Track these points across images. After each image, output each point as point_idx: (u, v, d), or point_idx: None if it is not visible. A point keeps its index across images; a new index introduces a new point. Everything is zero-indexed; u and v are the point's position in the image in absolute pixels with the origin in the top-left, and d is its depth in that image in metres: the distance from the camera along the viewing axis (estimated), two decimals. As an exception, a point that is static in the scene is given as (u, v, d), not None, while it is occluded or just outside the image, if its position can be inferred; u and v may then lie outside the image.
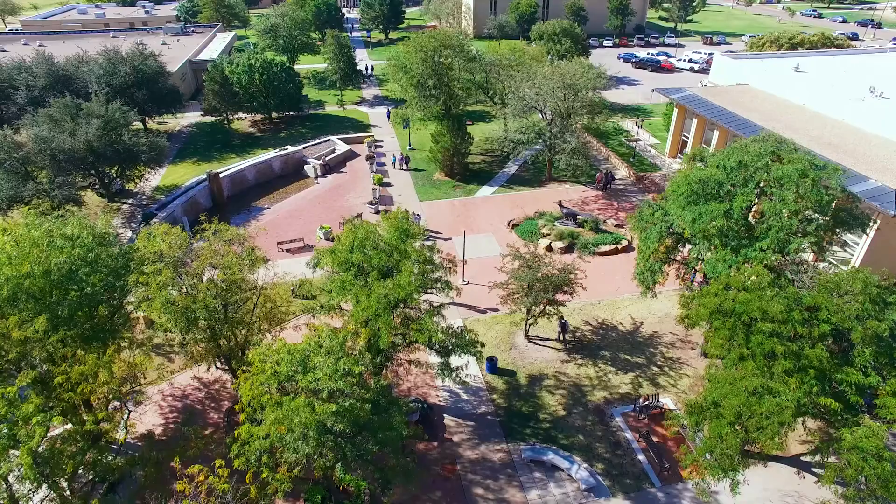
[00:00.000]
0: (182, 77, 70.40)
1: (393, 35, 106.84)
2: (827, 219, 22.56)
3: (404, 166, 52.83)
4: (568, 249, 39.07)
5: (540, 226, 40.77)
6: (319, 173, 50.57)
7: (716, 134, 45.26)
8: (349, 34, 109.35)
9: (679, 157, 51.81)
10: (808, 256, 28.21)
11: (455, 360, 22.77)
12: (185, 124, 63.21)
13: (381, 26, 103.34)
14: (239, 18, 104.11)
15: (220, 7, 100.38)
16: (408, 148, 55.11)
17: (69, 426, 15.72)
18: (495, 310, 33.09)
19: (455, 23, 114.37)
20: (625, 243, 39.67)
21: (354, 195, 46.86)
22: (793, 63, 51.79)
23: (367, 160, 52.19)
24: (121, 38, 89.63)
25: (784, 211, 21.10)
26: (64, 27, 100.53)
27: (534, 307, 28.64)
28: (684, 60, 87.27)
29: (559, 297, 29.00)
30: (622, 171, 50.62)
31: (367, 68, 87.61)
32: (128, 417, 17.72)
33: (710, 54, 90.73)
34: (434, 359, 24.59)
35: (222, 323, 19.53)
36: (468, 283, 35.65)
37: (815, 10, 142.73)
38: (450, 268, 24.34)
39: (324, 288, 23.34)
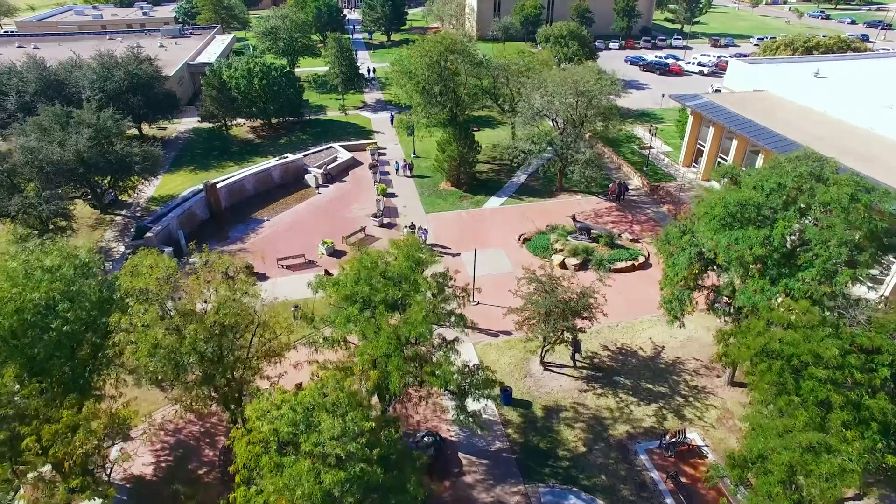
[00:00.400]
0: (179, 81, 68.54)
1: (395, 37, 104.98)
2: (874, 247, 20.69)
3: (408, 173, 51.09)
4: (582, 266, 37.23)
5: (552, 241, 38.91)
6: (321, 182, 48.71)
7: (734, 143, 43.42)
8: (350, 36, 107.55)
9: (694, 166, 49.97)
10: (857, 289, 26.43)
11: (471, 401, 20.93)
12: (183, 130, 61.34)
13: (382, 28, 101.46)
14: (238, 20, 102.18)
15: (218, 8, 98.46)
16: (412, 155, 53.27)
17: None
18: (508, 333, 31.24)
19: (458, 24, 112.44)
20: (642, 259, 37.86)
21: (358, 206, 44.98)
22: (812, 68, 49.93)
23: (370, 169, 50.32)
24: (118, 40, 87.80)
25: (833, 239, 19.25)
26: (60, 29, 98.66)
27: (551, 335, 26.80)
28: (693, 63, 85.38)
29: (578, 322, 27.20)
30: (635, 181, 48.77)
31: (368, 71, 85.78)
32: (109, 474, 15.83)
33: (719, 57, 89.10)
34: (448, 400, 22.70)
35: (216, 366, 17.66)
36: (478, 303, 33.81)
37: (822, 12, 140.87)
38: (462, 297, 22.55)
39: (327, 319, 21.52)
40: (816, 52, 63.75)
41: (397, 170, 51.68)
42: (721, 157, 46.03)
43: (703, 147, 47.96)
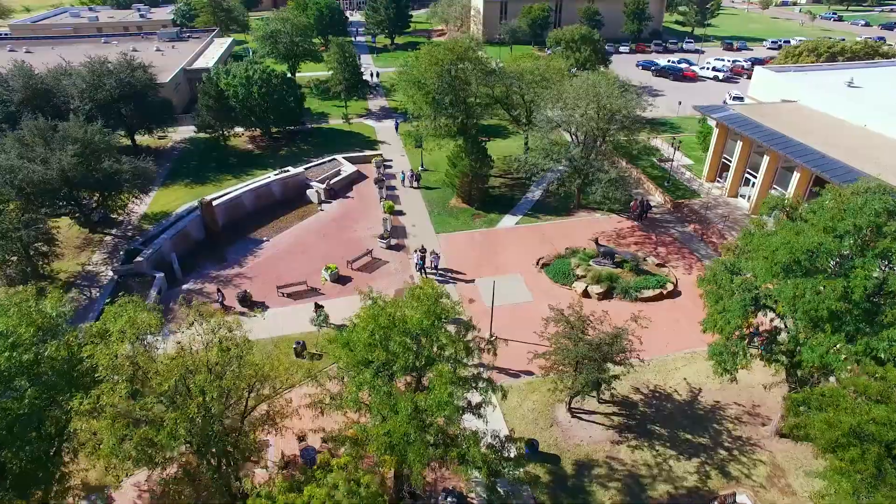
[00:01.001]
0: (176, 87, 65.79)
1: (399, 40, 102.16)
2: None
3: (415, 184, 48.50)
4: (606, 294, 34.48)
5: (573, 266, 36.13)
6: (324, 198, 45.94)
7: (765, 159, 40.61)
8: (353, 39, 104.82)
9: (718, 181, 47.15)
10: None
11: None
12: (179, 139, 58.56)
13: (386, 31, 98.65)
14: (238, 23, 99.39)
15: (217, 11, 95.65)
16: (420, 168, 50.47)
17: None
18: (530, 373, 28.50)
19: (463, 27, 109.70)
20: (670, 287, 35.07)
21: (363, 225, 42.19)
22: (844, 77, 47.14)
23: (375, 183, 47.52)
24: (113, 43, 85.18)
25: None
26: (54, 32, 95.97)
27: (582, 385, 24.00)
28: (707, 68, 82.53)
29: (611, 366, 24.44)
30: (657, 197, 45.98)
31: (372, 75, 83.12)
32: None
33: (734, 62, 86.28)
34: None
35: (204, 448, 14.83)
36: (496, 337, 30.99)
37: (834, 13, 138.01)
38: (489, 350, 19.85)
39: (336, 377, 18.83)
40: (841, 58, 60.93)
41: (403, 180, 49.09)
42: (749, 173, 43.25)
43: (729, 162, 45.17)
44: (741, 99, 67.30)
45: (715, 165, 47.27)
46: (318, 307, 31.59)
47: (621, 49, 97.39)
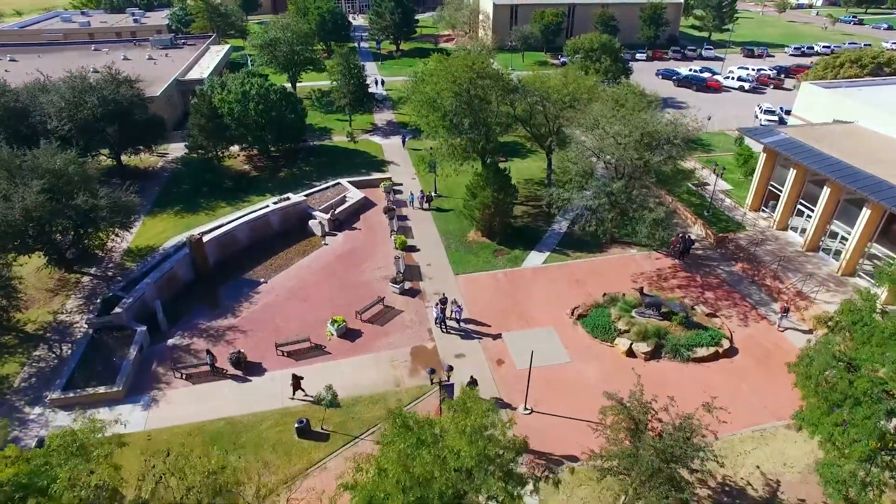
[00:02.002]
0: (168, 100, 61.27)
1: (405, 46, 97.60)
2: None
3: (425, 205, 44.20)
4: (654, 354, 29.93)
5: (614, 318, 31.55)
6: (328, 230, 41.43)
7: (825, 192, 35.99)
8: (357, 45, 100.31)
9: (764, 211, 42.54)
10: None
11: None
12: (171, 158, 54.00)
13: (391, 37, 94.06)
14: (236, 28, 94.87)
15: (214, 16, 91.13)
16: (433, 193, 45.92)
17: None
18: (574, 459, 23.98)
19: (471, 32, 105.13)
20: (726, 344, 30.51)
21: (372, 265, 37.63)
22: (904, 95, 42.60)
23: (385, 213, 42.95)
24: (104, 51, 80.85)
25: None
26: (43, 38, 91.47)
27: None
28: (732, 78, 77.90)
29: (684, 472, 19.86)
30: (697, 230, 41.43)
31: (377, 83, 78.62)
32: None
33: (759, 70, 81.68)
34: None
35: None
36: (531, 411, 26.56)
37: (853, 16, 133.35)
38: (545, 476, 15.37)
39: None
40: (888, 69, 56.32)
41: (412, 201, 44.79)
42: (804, 205, 38.66)
43: (778, 190, 40.57)
44: (772, 112, 62.88)
45: (760, 193, 42.67)
46: (296, 379, 26.91)
47: (638, 56, 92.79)
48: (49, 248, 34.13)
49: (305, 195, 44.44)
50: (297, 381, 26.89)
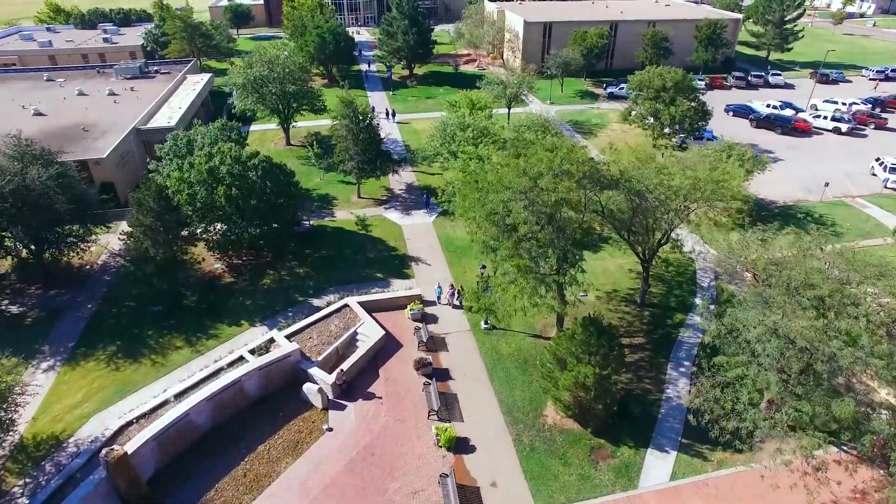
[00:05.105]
0: (122, 159, 47.26)
1: (419, 70, 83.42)
2: None
3: (456, 303, 33.33)
4: None
5: None
6: (331, 398, 27.54)
7: None
8: (364, 69, 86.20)
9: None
10: None
11: None
12: (118, 248, 39.86)
13: (404, 61, 79.87)
14: (220, 51, 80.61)
15: (194, 37, 76.87)
16: (483, 325, 31.92)
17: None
18: None
19: (495, 53, 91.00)
20: None
21: (404, 485, 23.50)
22: None
23: (417, 369, 28.92)
24: (58, 81, 66.92)
25: None
26: (-7, 62, 77.56)
27: None
28: (823, 117, 63.64)
29: None
30: (882, 395, 27.32)
31: (387, 114, 64.96)
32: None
33: (852, 104, 67.51)
34: None
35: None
36: None
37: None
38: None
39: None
40: None
41: (439, 296, 33.86)
42: None
43: None
44: (899, 172, 49.10)
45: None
46: None
47: (696, 84, 78.36)
48: None
49: (299, 329, 30.55)
50: None
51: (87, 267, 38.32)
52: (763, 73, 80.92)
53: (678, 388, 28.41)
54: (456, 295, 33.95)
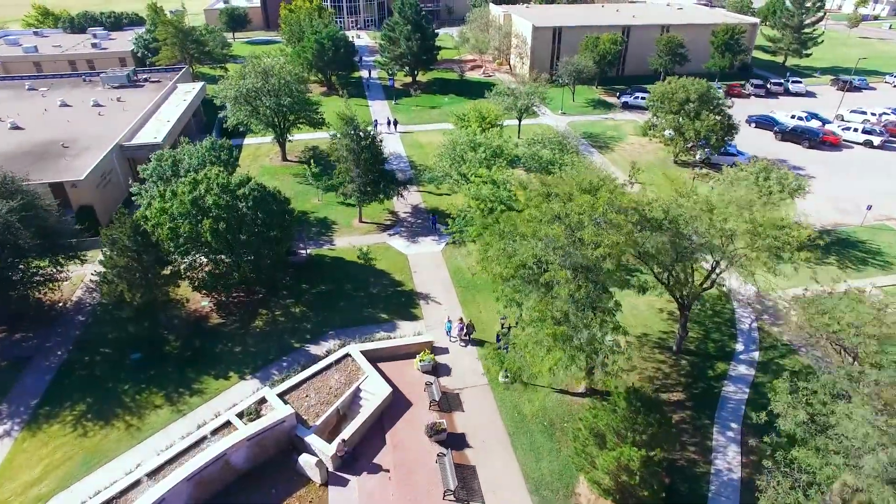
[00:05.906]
0: (104, 179, 43.56)
1: (422, 77, 79.65)
2: None
3: (466, 338, 30.55)
4: None
5: None
6: (332, 469, 23.85)
7: None
8: (366, 77, 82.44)
9: None
10: None
11: None
12: (91, 281, 35.89)
13: (407, 68, 76.12)
14: (214, 58, 76.80)
15: (186, 43, 73.06)
16: (502, 377, 28.21)
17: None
18: None
19: (501, 58, 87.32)
20: None
21: None
22: None
23: (429, 436, 25.19)
24: (40, 91, 63.19)
25: None
26: (-26, 69, 73.81)
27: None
28: (854, 129, 59.92)
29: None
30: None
31: (389, 123, 61.49)
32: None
33: (882, 114, 63.91)
34: None
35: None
36: None
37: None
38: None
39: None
40: None
41: (448, 331, 30.77)
42: None
43: None
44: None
45: None
46: None
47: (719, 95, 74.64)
48: None
49: (295, 385, 26.85)
50: None
51: (60, 304, 34.60)
52: (783, 81, 77.17)
53: (727, 458, 24.74)
54: (465, 330, 30.54)
